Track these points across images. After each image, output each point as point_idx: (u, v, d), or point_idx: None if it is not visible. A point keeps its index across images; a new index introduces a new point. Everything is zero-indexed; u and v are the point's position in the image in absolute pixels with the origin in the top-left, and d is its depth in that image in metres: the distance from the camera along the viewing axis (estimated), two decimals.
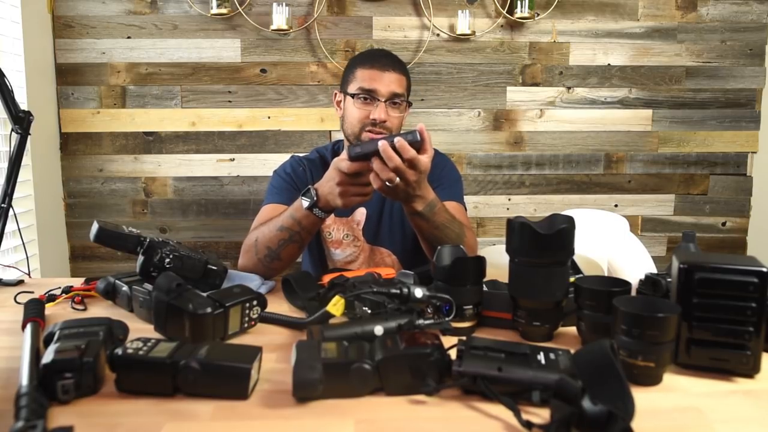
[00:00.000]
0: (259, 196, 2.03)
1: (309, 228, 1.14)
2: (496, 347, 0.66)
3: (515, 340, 0.82)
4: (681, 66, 2.12)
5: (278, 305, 0.98)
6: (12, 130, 1.25)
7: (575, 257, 0.89)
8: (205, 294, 0.80)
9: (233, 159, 2.10)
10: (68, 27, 2.00)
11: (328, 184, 1.08)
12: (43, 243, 1.89)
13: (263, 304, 0.87)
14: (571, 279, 0.84)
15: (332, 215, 1.40)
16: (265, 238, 1.17)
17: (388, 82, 1.33)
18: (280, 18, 1.94)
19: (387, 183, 1.00)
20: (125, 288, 0.94)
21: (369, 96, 1.33)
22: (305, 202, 1.11)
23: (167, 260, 0.96)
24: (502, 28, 2.07)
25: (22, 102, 1.79)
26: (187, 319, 0.75)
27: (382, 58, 1.38)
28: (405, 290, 0.80)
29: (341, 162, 1.03)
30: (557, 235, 0.79)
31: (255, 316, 0.85)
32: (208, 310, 0.76)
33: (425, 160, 1.01)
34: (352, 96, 1.35)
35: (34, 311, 0.87)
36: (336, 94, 1.45)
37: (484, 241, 2.15)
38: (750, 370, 0.70)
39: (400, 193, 1.04)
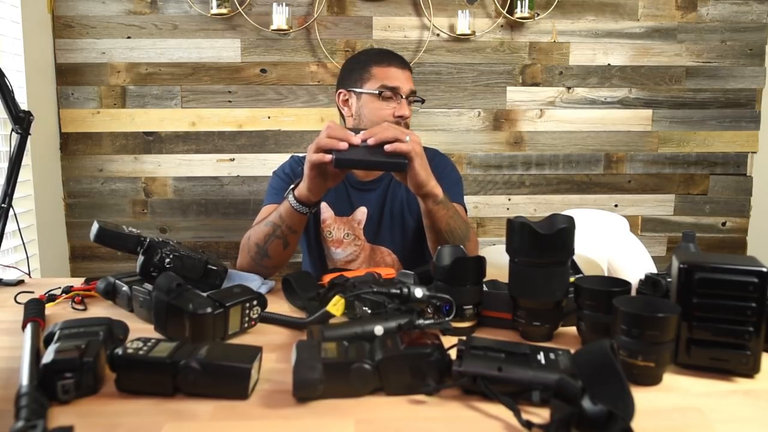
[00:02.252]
0: (259, 196, 2.03)
1: (289, 222, 1.15)
2: (496, 347, 0.66)
3: (515, 340, 0.82)
4: (681, 66, 2.12)
5: (278, 305, 0.99)
6: (12, 130, 1.25)
7: (575, 257, 0.89)
8: (205, 294, 0.80)
9: (233, 159, 2.10)
10: (68, 27, 2.00)
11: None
12: (43, 243, 1.89)
13: (263, 304, 0.87)
14: (571, 279, 0.84)
15: (333, 215, 1.40)
16: (255, 235, 1.20)
17: (406, 80, 1.38)
18: (280, 18, 1.94)
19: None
20: (125, 288, 0.94)
21: (393, 93, 1.35)
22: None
23: (167, 260, 0.96)
24: (502, 28, 2.07)
25: (22, 102, 1.79)
26: (187, 319, 0.75)
27: (396, 57, 1.42)
28: (405, 290, 0.80)
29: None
30: (557, 235, 0.79)
31: (255, 316, 0.85)
32: (208, 310, 0.76)
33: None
34: (377, 94, 1.35)
35: (34, 311, 0.87)
36: (342, 93, 1.42)
37: (484, 241, 2.15)
38: (750, 370, 0.70)
39: (416, 164, 1.06)
